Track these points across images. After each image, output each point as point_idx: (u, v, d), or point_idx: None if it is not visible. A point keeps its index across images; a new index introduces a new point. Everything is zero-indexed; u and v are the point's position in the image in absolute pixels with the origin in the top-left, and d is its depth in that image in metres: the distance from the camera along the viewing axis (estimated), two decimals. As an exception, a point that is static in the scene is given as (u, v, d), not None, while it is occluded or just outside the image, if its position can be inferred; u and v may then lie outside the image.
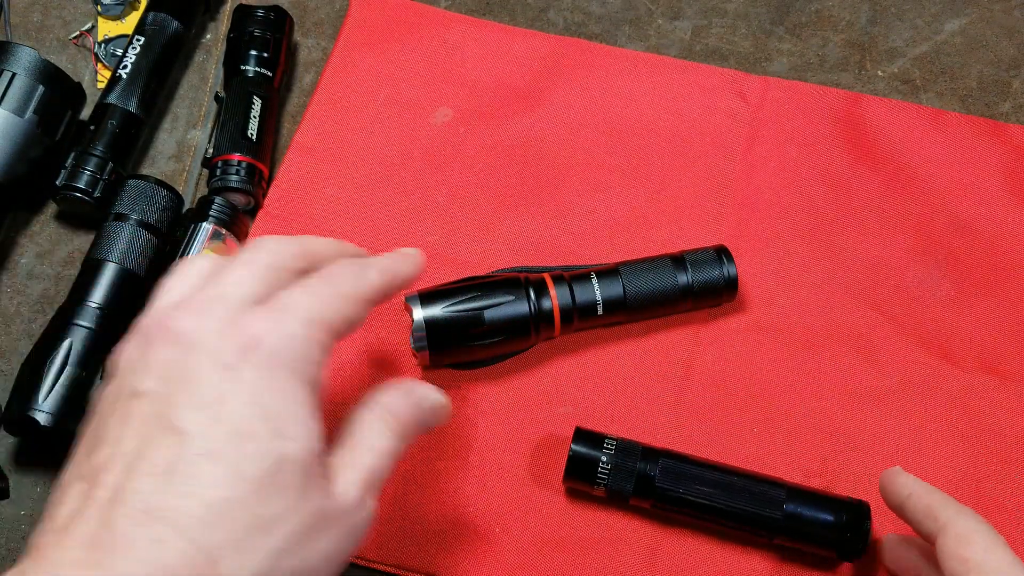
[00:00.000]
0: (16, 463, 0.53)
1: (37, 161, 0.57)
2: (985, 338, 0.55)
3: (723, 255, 0.54)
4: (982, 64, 0.65)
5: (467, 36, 0.65)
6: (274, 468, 0.32)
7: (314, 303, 0.36)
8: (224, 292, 0.35)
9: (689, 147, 0.61)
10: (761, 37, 0.66)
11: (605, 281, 0.53)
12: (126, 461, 0.32)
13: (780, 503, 0.47)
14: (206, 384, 0.33)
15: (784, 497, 0.48)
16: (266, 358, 0.34)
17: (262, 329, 0.34)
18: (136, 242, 0.55)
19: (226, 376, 0.33)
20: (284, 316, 0.35)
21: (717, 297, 0.54)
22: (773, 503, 0.48)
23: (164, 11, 0.62)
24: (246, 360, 0.33)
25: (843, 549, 0.47)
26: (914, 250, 0.58)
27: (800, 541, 0.48)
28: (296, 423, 0.33)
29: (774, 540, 0.48)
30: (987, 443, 0.53)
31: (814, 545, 0.48)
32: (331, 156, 0.61)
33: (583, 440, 0.49)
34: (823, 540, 0.47)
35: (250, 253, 0.37)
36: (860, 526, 0.47)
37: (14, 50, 0.57)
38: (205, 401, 0.33)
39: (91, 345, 0.51)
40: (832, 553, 0.48)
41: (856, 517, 0.47)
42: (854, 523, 0.47)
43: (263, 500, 0.32)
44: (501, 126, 0.62)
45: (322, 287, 0.36)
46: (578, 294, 0.53)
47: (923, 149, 0.60)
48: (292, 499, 0.33)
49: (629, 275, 0.53)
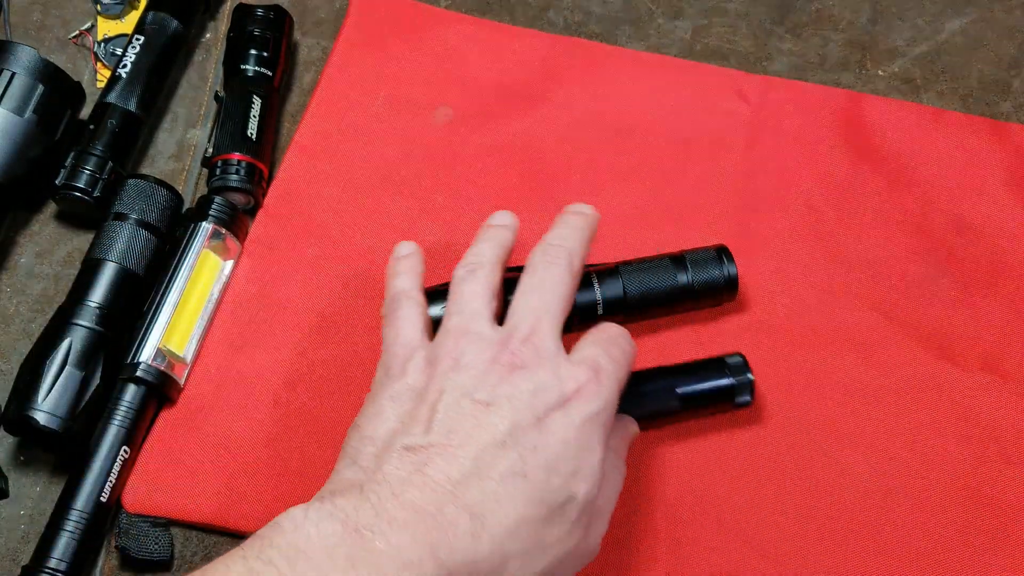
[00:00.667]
0: (16, 463, 0.53)
1: (36, 161, 0.57)
2: (986, 337, 0.55)
3: (723, 255, 0.54)
4: (983, 64, 0.65)
5: (467, 35, 0.64)
6: (564, 502, 0.39)
7: (619, 373, 0.43)
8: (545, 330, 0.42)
9: (689, 147, 0.61)
10: (761, 37, 0.66)
11: (605, 281, 0.53)
12: (451, 450, 0.38)
13: (673, 391, 0.51)
14: (542, 412, 0.40)
15: (673, 384, 0.51)
16: (585, 411, 0.40)
17: (587, 388, 0.41)
18: (136, 242, 0.55)
19: (554, 415, 0.40)
20: (602, 381, 0.41)
21: (717, 297, 0.54)
22: (668, 395, 0.51)
23: (164, 10, 0.62)
24: (571, 407, 0.40)
25: (737, 404, 0.51)
26: (914, 250, 0.58)
27: (699, 411, 0.52)
28: (590, 469, 0.40)
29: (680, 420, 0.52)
30: (987, 443, 0.52)
31: (710, 408, 0.52)
32: (331, 156, 0.61)
33: None
34: (718, 402, 0.51)
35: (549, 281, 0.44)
36: (743, 375, 0.51)
37: (14, 49, 0.57)
38: (532, 428, 0.39)
39: (90, 345, 0.51)
40: (730, 409, 0.52)
41: (740, 372, 0.51)
42: (739, 377, 0.51)
43: (549, 527, 0.39)
44: (501, 125, 0.61)
45: (617, 353, 0.43)
46: (578, 295, 0.53)
47: (923, 149, 0.60)
48: (566, 530, 0.40)
49: (629, 275, 0.53)
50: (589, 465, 0.40)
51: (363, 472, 0.39)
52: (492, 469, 0.38)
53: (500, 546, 0.38)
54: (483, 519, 0.37)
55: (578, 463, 0.40)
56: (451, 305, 0.44)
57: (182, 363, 0.53)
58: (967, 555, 0.50)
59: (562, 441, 0.39)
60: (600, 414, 0.41)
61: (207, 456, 0.52)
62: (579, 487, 0.39)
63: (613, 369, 0.42)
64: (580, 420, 0.40)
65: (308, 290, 0.57)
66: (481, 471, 0.38)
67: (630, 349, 0.45)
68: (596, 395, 0.41)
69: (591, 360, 0.42)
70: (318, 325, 0.56)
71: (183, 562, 0.51)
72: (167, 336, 0.53)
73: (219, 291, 0.56)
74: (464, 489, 0.38)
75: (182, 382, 0.53)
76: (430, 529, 0.37)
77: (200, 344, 0.55)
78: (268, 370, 0.54)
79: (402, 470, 0.38)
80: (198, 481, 0.51)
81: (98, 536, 0.50)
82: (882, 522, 0.51)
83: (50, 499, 0.52)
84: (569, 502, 0.39)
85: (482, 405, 0.39)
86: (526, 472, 0.38)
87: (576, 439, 0.40)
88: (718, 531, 0.51)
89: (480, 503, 0.38)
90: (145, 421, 0.52)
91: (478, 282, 0.44)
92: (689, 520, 0.51)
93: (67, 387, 0.50)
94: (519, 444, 0.39)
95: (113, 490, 0.50)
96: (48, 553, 0.48)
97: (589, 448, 0.40)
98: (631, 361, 0.44)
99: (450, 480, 0.38)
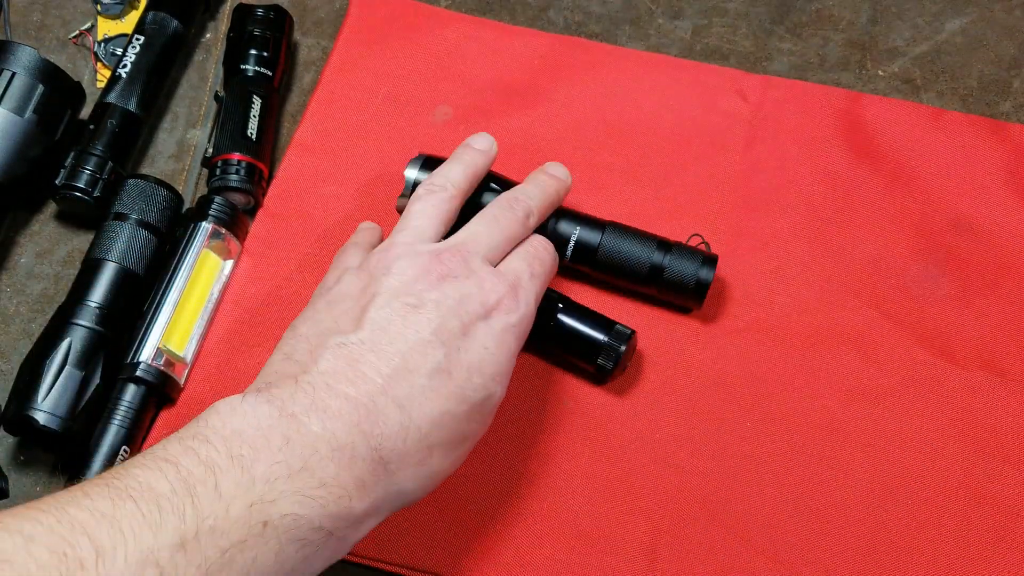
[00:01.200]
0: (16, 463, 0.53)
1: (37, 160, 0.57)
2: (985, 337, 0.55)
3: (708, 260, 0.54)
4: (983, 63, 0.65)
5: (467, 35, 0.64)
6: (483, 400, 0.43)
7: (536, 288, 0.47)
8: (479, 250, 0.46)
9: (689, 146, 0.61)
10: (761, 36, 0.66)
11: (587, 228, 0.54)
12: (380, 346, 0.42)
13: (554, 312, 0.52)
14: (467, 319, 0.43)
15: (559, 308, 0.53)
16: (504, 321, 0.44)
17: (507, 300, 0.44)
18: (136, 242, 0.55)
19: (477, 322, 0.43)
20: (520, 296, 0.45)
21: (683, 294, 0.54)
22: (547, 311, 0.52)
23: (164, 10, 0.62)
24: (492, 317, 0.44)
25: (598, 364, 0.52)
26: (914, 249, 0.58)
27: (564, 350, 0.53)
28: (505, 375, 0.44)
29: (545, 345, 0.54)
30: (987, 442, 0.52)
31: (574, 355, 0.53)
32: (331, 155, 0.61)
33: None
34: (583, 353, 0.53)
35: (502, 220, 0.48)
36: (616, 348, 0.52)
37: (14, 49, 0.57)
38: (457, 331, 0.43)
39: (90, 345, 0.51)
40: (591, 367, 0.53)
41: (616, 338, 0.52)
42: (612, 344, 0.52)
43: (468, 422, 0.43)
44: (501, 125, 0.61)
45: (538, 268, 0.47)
46: (558, 225, 0.54)
47: (923, 148, 0.60)
48: (481, 425, 0.44)
49: (611, 233, 0.54)
50: (505, 370, 0.44)
51: (297, 365, 0.41)
52: (419, 366, 0.41)
53: (426, 436, 0.41)
54: (410, 411, 0.40)
55: (497, 367, 0.43)
56: (400, 221, 0.48)
57: (182, 363, 0.53)
58: (967, 555, 0.50)
59: (483, 346, 0.43)
60: (517, 325, 0.45)
61: (207, 456, 0.52)
62: (495, 388, 0.44)
63: (531, 284, 0.46)
64: (499, 328, 0.44)
65: (308, 290, 0.56)
66: (409, 367, 0.41)
67: (551, 263, 0.49)
68: (514, 308, 0.45)
69: (513, 275, 0.46)
70: (318, 325, 0.56)
71: (183, 562, 0.51)
72: (167, 336, 0.53)
73: (219, 291, 0.56)
74: (393, 383, 0.41)
75: (182, 382, 0.53)
76: (362, 418, 0.39)
77: (200, 344, 0.55)
78: (268, 370, 0.54)
79: (336, 364, 0.41)
80: (198, 481, 0.51)
81: (98, 536, 0.50)
82: (882, 521, 0.51)
83: (50, 499, 0.52)
84: (487, 400, 0.43)
85: (411, 307, 0.42)
86: (450, 370, 0.42)
87: (495, 345, 0.43)
88: (718, 530, 0.51)
89: (408, 396, 0.41)
90: (145, 421, 0.52)
91: (432, 204, 0.48)
92: (689, 519, 0.51)
93: (67, 387, 0.50)
94: (445, 345, 0.42)
95: (113, 490, 0.50)
96: (48, 553, 0.48)
97: (506, 354, 0.44)
98: (550, 273, 0.49)
99: (380, 374, 0.41)
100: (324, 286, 0.47)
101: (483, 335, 0.43)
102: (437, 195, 0.48)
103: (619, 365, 0.52)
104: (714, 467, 0.52)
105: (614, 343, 0.52)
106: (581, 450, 0.53)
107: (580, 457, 0.52)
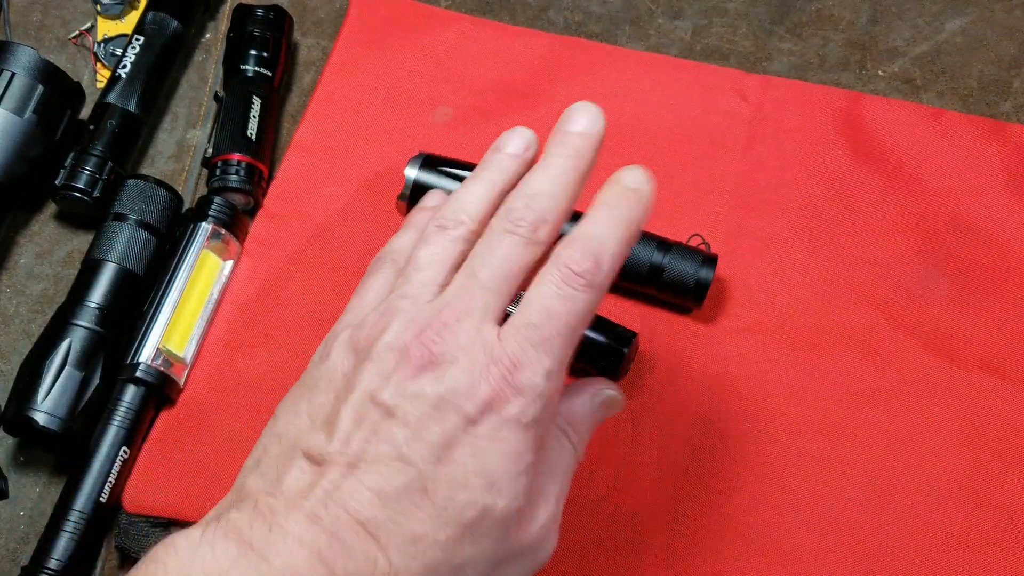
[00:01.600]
0: (16, 463, 0.53)
1: (36, 161, 0.57)
2: (985, 337, 0.55)
3: (708, 260, 0.54)
4: (983, 64, 0.65)
5: (467, 35, 0.64)
6: (477, 519, 0.35)
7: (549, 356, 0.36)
8: (474, 308, 0.37)
9: (689, 146, 0.61)
10: (761, 37, 0.66)
11: None
12: (349, 461, 0.35)
13: None
14: (443, 426, 0.35)
15: None
16: (502, 416, 0.35)
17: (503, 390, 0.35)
18: (135, 242, 0.55)
19: (463, 426, 0.35)
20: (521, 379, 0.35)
21: (683, 294, 0.54)
22: None
23: (164, 10, 0.62)
24: (484, 418, 0.35)
25: (600, 367, 0.52)
26: (914, 249, 0.58)
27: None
28: (509, 481, 0.35)
29: None
30: (987, 443, 0.52)
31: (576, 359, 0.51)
32: (331, 155, 0.61)
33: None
34: (585, 356, 0.52)
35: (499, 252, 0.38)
36: (619, 352, 0.51)
37: (13, 50, 0.57)
38: (435, 442, 0.35)
39: (90, 345, 0.51)
40: (593, 370, 0.52)
41: (618, 341, 0.52)
42: (614, 347, 0.52)
43: (460, 545, 0.35)
44: (501, 125, 0.61)
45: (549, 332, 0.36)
46: None
47: (923, 149, 0.60)
48: (487, 546, 0.35)
49: None
50: (508, 474, 0.35)
51: (263, 480, 0.37)
52: (390, 484, 0.34)
53: (402, 566, 0.34)
54: (380, 538, 0.34)
55: (494, 474, 0.35)
56: (405, 268, 0.39)
57: (182, 363, 0.53)
58: (967, 555, 0.50)
59: (471, 452, 0.35)
60: (522, 416, 0.35)
61: (207, 456, 0.52)
62: (495, 500, 0.35)
63: (540, 354, 0.36)
64: (494, 426, 0.35)
65: (308, 290, 0.57)
66: (380, 486, 0.34)
67: (579, 305, 0.37)
68: (513, 397, 0.35)
69: (514, 345, 0.36)
70: (318, 325, 0.56)
71: (183, 562, 0.51)
72: (167, 336, 0.53)
73: (219, 291, 0.56)
74: (360, 504, 0.34)
75: (182, 382, 0.53)
76: (325, 547, 0.34)
77: (200, 344, 0.55)
78: (268, 370, 0.54)
79: (300, 482, 0.35)
80: (198, 481, 0.51)
81: (98, 536, 0.50)
82: (882, 521, 0.51)
83: (50, 499, 0.52)
84: (484, 517, 0.35)
85: (384, 414, 0.35)
86: (427, 488, 0.34)
87: (489, 447, 0.35)
88: (719, 531, 0.51)
89: (375, 520, 0.34)
90: (145, 421, 0.52)
91: (440, 247, 0.39)
92: (690, 520, 0.51)
93: (67, 387, 0.50)
94: (421, 458, 0.35)
95: (113, 490, 0.50)
96: (48, 553, 0.48)
97: (504, 456, 0.35)
98: (585, 314, 0.37)
99: (347, 494, 0.34)
100: (319, 352, 0.40)
101: (470, 439, 0.35)
102: (448, 233, 0.39)
103: (621, 369, 0.52)
104: (714, 469, 0.52)
105: (616, 347, 0.52)
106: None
107: (581, 459, 0.52)
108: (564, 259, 0.37)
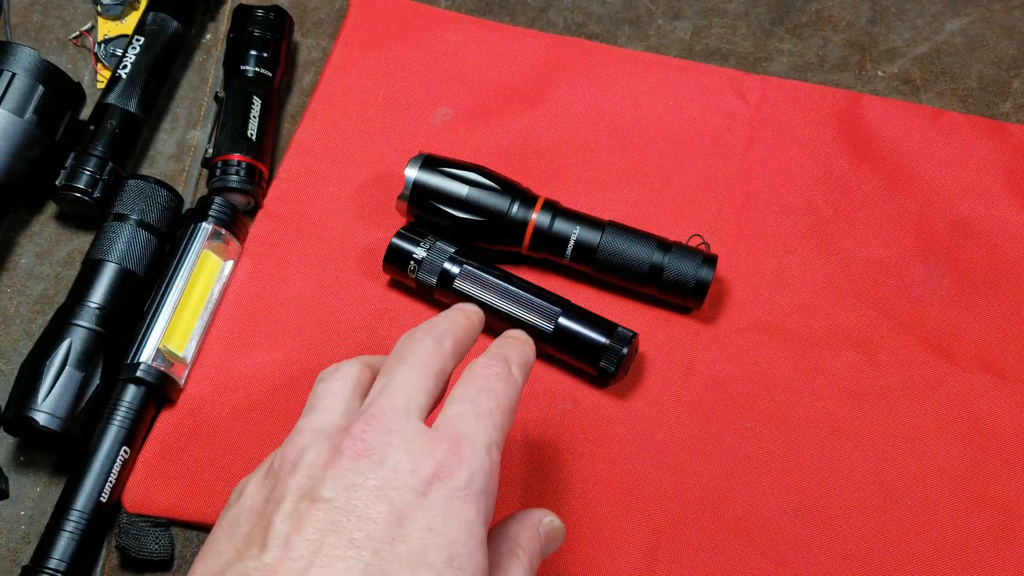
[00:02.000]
0: (16, 463, 0.53)
1: (37, 161, 0.57)
2: (985, 337, 0.55)
3: (707, 260, 0.54)
4: (982, 64, 0.65)
5: (467, 36, 0.65)
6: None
7: (490, 430, 0.36)
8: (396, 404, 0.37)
9: (689, 146, 0.61)
10: (761, 37, 0.66)
11: (587, 228, 0.54)
12: (298, 568, 0.33)
13: (555, 316, 0.52)
14: (398, 501, 0.34)
15: (560, 312, 0.52)
16: (449, 488, 0.35)
17: (448, 460, 0.35)
18: (136, 242, 0.55)
19: (412, 500, 0.34)
20: (464, 450, 0.35)
21: (683, 294, 0.54)
22: (549, 315, 0.52)
23: (164, 11, 0.62)
24: (433, 489, 0.34)
25: (600, 367, 0.52)
26: (914, 250, 0.58)
27: (566, 353, 0.53)
28: (468, 555, 0.34)
29: (546, 349, 0.53)
30: (987, 443, 0.52)
31: (576, 358, 0.53)
32: (331, 156, 0.61)
33: (404, 238, 0.55)
34: (585, 356, 0.52)
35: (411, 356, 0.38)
36: (619, 352, 0.51)
37: (14, 50, 0.57)
38: (386, 519, 0.33)
39: (90, 345, 0.51)
40: (593, 370, 0.52)
41: (618, 341, 0.52)
42: (614, 346, 0.52)
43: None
44: (501, 125, 0.62)
45: (488, 403, 0.37)
46: (557, 224, 0.55)
47: (923, 149, 0.60)
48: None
49: (611, 232, 0.54)
50: (467, 547, 0.34)
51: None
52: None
53: None
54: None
55: (454, 545, 0.34)
56: (307, 403, 0.39)
57: (182, 363, 0.53)
58: (967, 555, 0.50)
59: (426, 528, 0.34)
60: (468, 487, 0.35)
61: (207, 456, 0.52)
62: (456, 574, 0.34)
63: (481, 427, 0.36)
64: (442, 499, 0.34)
65: (308, 290, 0.57)
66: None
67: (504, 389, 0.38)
68: (459, 467, 0.35)
69: (452, 426, 0.36)
70: (318, 325, 0.56)
71: (183, 562, 0.51)
72: (167, 336, 0.53)
73: (219, 291, 0.56)
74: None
75: (182, 382, 0.53)
76: None
77: (200, 344, 0.55)
78: (268, 370, 0.54)
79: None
80: (198, 481, 0.51)
81: (98, 536, 0.50)
82: (882, 521, 0.51)
83: (50, 499, 0.52)
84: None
85: (323, 504, 0.34)
86: (385, 570, 0.33)
87: (442, 521, 0.34)
88: (719, 530, 0.51)
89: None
90: (145, 421, 0.52)
91: (337, 381, 0.40)
92: (690, 519, 0.51)
93: (67, 387, 0.50)
94: (372, 540, 0.33)
95: (113, 490, 0.50)
96: (48, 553, 0.48)
97: (460, 527, 0.34)
98: (512, 397, 0.38)
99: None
100: (229, 502, 0.38)
101: (423, 514, 0.34)
102: (342, 370, 0.40)
103: (621, 368, 0.52)
104: (715, 468, 0.52)
105: (616, 346, 0.52)
106: (582, 452, 0.53)
107: (581, 459, 0.52)
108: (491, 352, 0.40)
